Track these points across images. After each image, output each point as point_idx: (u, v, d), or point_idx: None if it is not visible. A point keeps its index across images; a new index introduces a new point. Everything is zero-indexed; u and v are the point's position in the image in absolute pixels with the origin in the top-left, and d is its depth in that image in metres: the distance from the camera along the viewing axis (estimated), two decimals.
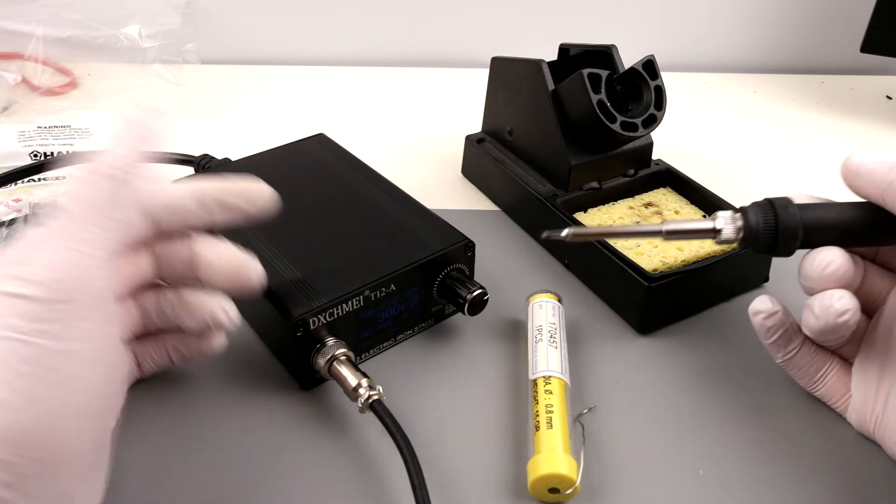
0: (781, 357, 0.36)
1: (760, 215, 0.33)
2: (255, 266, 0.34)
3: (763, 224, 0.33)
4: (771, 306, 0.35)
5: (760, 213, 0.33)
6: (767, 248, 0.33)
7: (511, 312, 0.43)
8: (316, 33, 0.77)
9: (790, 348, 0.35)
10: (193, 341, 0.36)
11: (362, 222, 0.41)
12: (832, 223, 0.33)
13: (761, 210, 0.33)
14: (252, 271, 0.34)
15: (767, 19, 0.77)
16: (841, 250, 0.32)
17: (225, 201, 0.33)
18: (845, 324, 0.32)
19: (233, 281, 0.34)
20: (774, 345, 0.36)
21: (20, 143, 0.55)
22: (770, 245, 0.33)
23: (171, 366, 0.37)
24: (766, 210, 0.33)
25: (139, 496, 0.32)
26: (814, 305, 0.32)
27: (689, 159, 0.55)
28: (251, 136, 0.62)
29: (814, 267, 0.32)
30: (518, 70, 0.49)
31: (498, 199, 0.54)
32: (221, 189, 0.34)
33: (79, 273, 0.26)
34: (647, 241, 0.44)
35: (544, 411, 0.34)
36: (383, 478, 0.33)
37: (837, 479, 0.34)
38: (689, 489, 0.33)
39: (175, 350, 0.36)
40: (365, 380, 0.34)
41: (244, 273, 0.34)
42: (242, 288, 0.34)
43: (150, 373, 0.37)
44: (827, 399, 0.37)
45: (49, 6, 0.65)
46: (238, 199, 0.34)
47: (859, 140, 0.65)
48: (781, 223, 0.33)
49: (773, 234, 0.33)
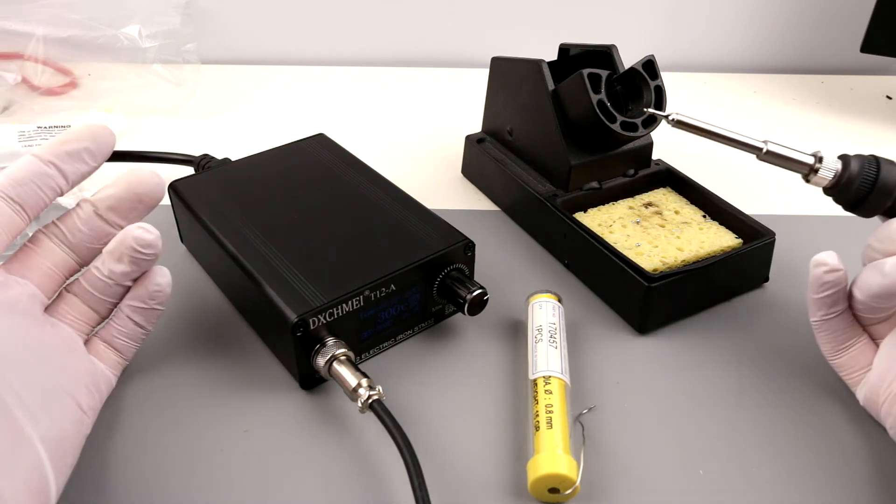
0: (820, 316, 0.36)
1: (864, 166, 0.33)
2: (147, 168, 0.36)
3: (862, 175, 0.33)
4: (836, 262, 0.35)
5: (865, 164, 0.34)
6: (858, 199, 0.34)
7: (511, 312, 0.43)
8: (316, 33, 0.77)
9: (833, 310, 0.36)
10: (141, 288, 0.36)
11: (362, 222, 0.41)
12: None
13: (865, 162, 0.34)
14: (144, 171, 0.35)
15: (767, 19, 0.77)
16: None
17: (69, 150, 0.34)
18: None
19: (136, 191, 0.35)
20: (821, 301, 0.36)
21: (20, 143, 0.55)
22: (860, 199, 0.34)
23: (144, 333, 0.37)
24: (871, 164, 0.34)
25: (139, 496, 0.32)
26: (885, 264, 0.33)
27: (689, 159, 0.55)
28: (251, 136, 0.62)
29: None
30: (518, 70, 0.49)
31: (498, 199, 0.54)
32: (62, 142, 0.34)
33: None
34: (647, 242, 0.44)
35: (544, 411, 0.34)
36: (383, 478, 0.33)
37: (838, 479, 0.34)
38: (689, 489, 0.33)
39: (133, 310, 0.36)
40: (365, 380, 0.34)
41: (140, 178, 0.35)
42: (146, 191, 0.35)
43: (130, 351, 0.37)
44: (843, 368, 0.37)
45: (49, 6, 0.65)
46: (80, 142, 0.34)
47: (859, 140, 0.65)
48: (882, 179, 0.33)
49: (870, 188, 0.33)
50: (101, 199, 0.35)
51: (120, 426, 0.35)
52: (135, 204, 0.36)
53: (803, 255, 0.36)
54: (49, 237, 0.35)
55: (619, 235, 0.45)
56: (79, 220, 0.35)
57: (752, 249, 0.43)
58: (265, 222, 0.41)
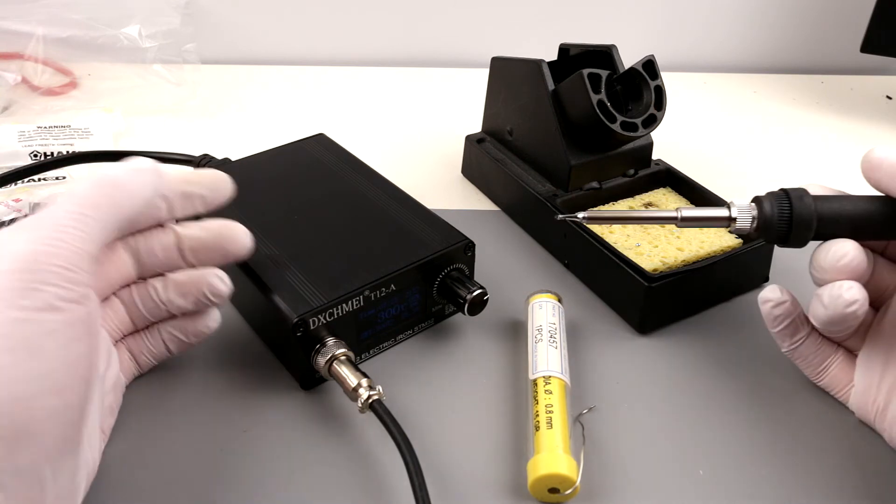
0: (787, 346, 0.37)
1: (776, 205, 0.33)
2: (241, 226, 0.35)
3: (778, 214, 0.33)
4: (780, 296, 0.35)
5: (776, 202, 0.33)
6: (781, 238, 0.33)
7: (511, 312, 0.43)
8: (316, 33, 0.77)
9: (796, 338, 0.36)
10: (189, 323, 0.36)
11: (362, 222, 0.41)
12: (847, 215, 0.33)
13: (776, 200, 0.33)
14: (240, 230, 0.35)
15: (767, 19, 0.77)
16: (855, 243, 0.32)
17: (188, 192, 0.34)
18: (853, 314, 0.32)
19: (224, 246, 0.35)
20: (781, 334, 0.36)
21: (20, 143, 0.55)
22: (784, 235, 0.33)
23: (168, 356, 0.37)
24: (782, 200, 0.33)
25: (139, 495, 0.32)
26: (823, 295, 0.32)
27: (689, 159, 0.55)
28: (251, 136, 0.62)
29: (828, 258, 0.32)
30: (518, 70, 0.49)
31: (498, 199, 0.54)
32: (184, 182, 0.35)
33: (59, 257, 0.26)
34: (646, 242, 0.44)
35: (544, 411, 0.34)
36: (383, 478, 0.33)
37: (838, 479, 0.34)
38: (689, 489, 0.33)
39: (171, 338, 0.36)
40: (365, 380, 0.34)
41: (233, 235, 0.35)
42: (235, 251, 0.35)
43: (148, 367, 0.37)
44: (829, 388, 0.37)
45: (49, 6, 0.65)
46: (200, 188, 0.35)
47: (859, 140, 0.65)
48: (796, 213, 0.33)
49: (788, 225, 0.33)
50: (188, 237, 0.35)
51: (120, 426, 0.35)
52: (219, 257, 0.35)
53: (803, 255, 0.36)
54: (125, 248, 0.34)
55: (619, 235, 0.45)
56: (158, 244, 0.34)
57: (752, 249, 0.43)
58: (265, 222, 0.41)
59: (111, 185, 0.30)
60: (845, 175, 0.60)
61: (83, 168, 0.53)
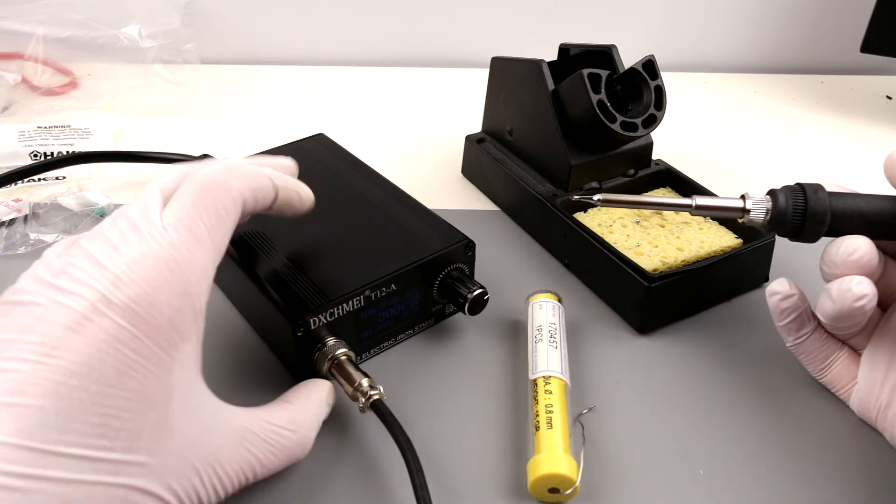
0: (792, 341, 0.37)
1: (791, 198, 0.33)
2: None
3: (792, 207, 0.33)
4: (788, 289, 0.35)
5: (791, 196, 0.33)
6: (794, 231, 0.34)
7: (511, 312, 0.43)
8: (316, 33, 0.77)
9: (802, 333, 0.36)
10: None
11: (362, 222, 0.41)
12: (861, 212, 0.33)
13: (791, 193, 0.33)
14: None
15: (767, 19, 0.77)
16: (867, 239, 0.32)
17: (288, 200, 0.34)
18: (861, 309, 0.32)
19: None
20: (787, 328, 0.36)
21: (20, 143, 0.55)
22: (797, 229, 0.33)
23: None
24: (797, 194, 0.33)
25: None
26: (832, 289, 0.33)
27: (689, 159, 0.55)
28: (251, 136, 0.62)
29: (839, 253, 0.32)
30: (518, 70, 0.49)
31: (498, 199, 0.54)
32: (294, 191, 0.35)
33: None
34: (646, 242, 0.44)
35: (544, 411, 0.34)
36: (384, 478, 0.33)
37: (838, 479, 0.34)
38: (689, 489, 0.33)
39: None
40: (365, 380, 0.34)
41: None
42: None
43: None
44: (831, 385, 0.37)
45: (49, 6, 0.65)
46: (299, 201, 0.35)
47: (859, 140, 0.65)
48: (811, 207, 0.33)
49: (802, 218, 0.33)
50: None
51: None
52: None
53: (803, 255, 0.36)
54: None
55: (619, 235, 0.45)
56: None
57: (752, 249, 0.43)
58: (265, 222, 0.41)
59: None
60: (845, 175, 0.60)
61: (83, 168, 0.54)
